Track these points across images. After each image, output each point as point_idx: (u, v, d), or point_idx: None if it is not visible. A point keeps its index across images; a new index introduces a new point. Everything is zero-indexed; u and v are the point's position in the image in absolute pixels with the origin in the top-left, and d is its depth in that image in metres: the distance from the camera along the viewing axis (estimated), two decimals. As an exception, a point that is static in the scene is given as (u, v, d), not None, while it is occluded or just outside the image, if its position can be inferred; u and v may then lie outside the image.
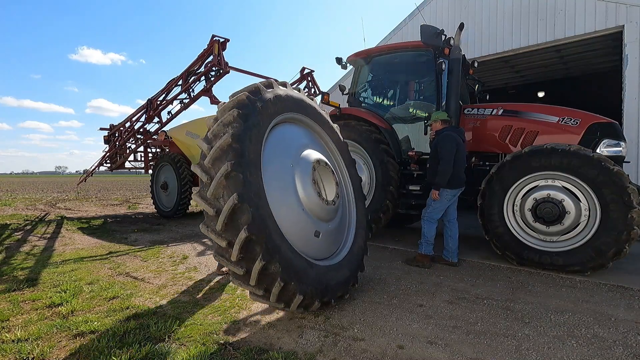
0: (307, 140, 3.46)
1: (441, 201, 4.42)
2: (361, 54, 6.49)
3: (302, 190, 2.94)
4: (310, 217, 2.99)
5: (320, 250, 3.14)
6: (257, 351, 2.37)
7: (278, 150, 2.96)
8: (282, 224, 2.68)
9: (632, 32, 7.24)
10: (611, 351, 2.42)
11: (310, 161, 3.10)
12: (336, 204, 3.30)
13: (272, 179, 2.77)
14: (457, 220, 4.58)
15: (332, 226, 3.29)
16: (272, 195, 2.68)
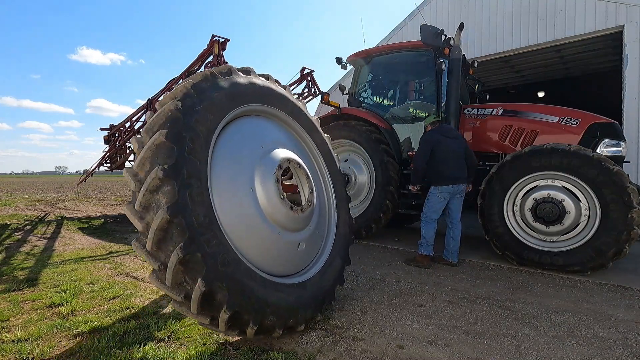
0: (277, 136, 2.97)
1: (434, 200, 4.46)
2: (361, 54, 6.49)
3: (263, 195, 2.48)
4: (273, 227, 2.55)
5: (288, 265, 2.74)
6: (257, 351, 2.37)
7: (235, 149, 2.51)
8: (235, 238, 2.29)
9: (632, 32, 7.24)
10: (611, 351, 2.42)
11: (276, 161, 2.63)
12: (308, 211, 2.86)
13: (225, 183, 2.34)
14: (460, 221, 4.57)
15: (303, 236, 2.84)
16: (224, 203, 2.29)
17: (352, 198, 6.12)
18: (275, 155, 2.69)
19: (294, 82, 9.90)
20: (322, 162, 3.47)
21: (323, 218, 3.27)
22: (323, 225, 3.22)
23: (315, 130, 3.44)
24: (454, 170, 4.40)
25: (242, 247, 2.32)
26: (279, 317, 2.33)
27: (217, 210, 2.22)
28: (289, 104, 3.13)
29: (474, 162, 4.59)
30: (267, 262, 2.51)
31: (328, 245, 3.21)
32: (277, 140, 2.90)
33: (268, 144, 2.73)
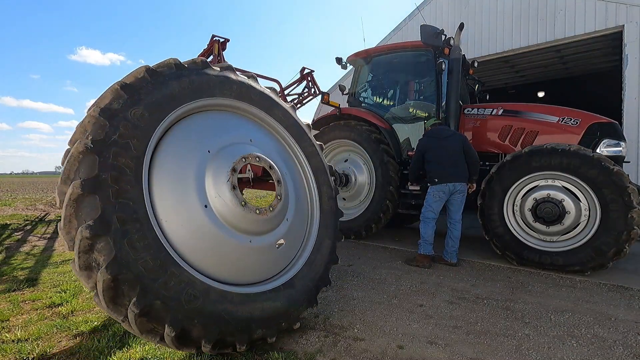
0: (240, 130, 2.65)
1: (430, 199, 4.52)
2: (361, 54, 6.49)
3: (222, 209, 2.20)
4: (242, 238, 2.32)
5: (269, 268, 2.55)
6: (257, 351, 2.37)
7: (178, 165, 2.18)
8: (202, 265, 2.10)
9: (632, 32, 7.24)
10: (611, 351, 2.42)
11: (227, 165, 2.28)
12: (279, 205, 2.55)
13: (174, 209, 2.07)
14: (461, 222, 4.57)
15: (281, 233, 2.60)
16: (179, 233, 2.05)
17: (352, 198, 6.13)
18: (226, 157, 2.33)
19: (294, 82, 9.90)
20: (287, 136, 3.02)
21: (302, 201, 2.93)
22: (303, 210, 2.91)
23: (270, 106, 2.92)
24: (448, 169, 4.40)
25: (211, 271, 2.15)
26: (268, 327, 2.26)
27: (172, 244, 2.01)
28: (256, 95, 2.78)
29: (473, 158, 4.53)
30: (245, 275, 2.36)
31: (313, 230, 2.94)
32: (229, 136, 2.50)
33: (217, 146, 2.36)
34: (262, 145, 2.69)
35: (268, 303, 2.30)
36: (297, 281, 2.59)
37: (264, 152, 2.62)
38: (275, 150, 2.85)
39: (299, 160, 3.08)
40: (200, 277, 2.05)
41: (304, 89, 10.04)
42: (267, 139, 2.87)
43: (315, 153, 3.15)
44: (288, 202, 2.69)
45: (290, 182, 2.80)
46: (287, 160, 2.95)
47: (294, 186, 2.86)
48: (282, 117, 2.95)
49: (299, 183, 2.98)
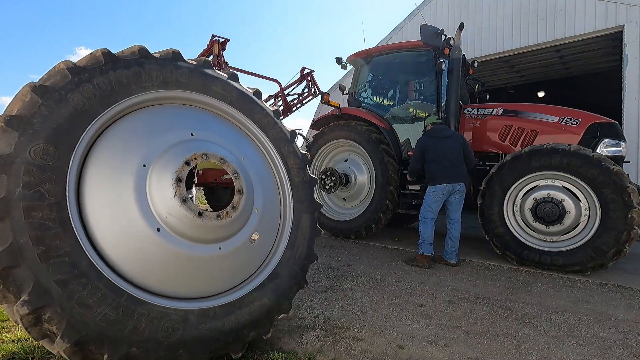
0: (177, 125, 2.22)
1: (429, 199, 4.55)
2: (361, 54, 6.49)
3: (178, 228, 1.94)
4: (210, 248, 2.10)
5: (248, 266, 2.34)
6: (257, 351, 2.37)
7: (113, 169, 1.87)
8: (144, 280, 1.86)
9: (632, 32, 7.25)
10: (611, 351, 2.42)
11: (170, 176, 1.94)
12: (242, 201, 2.23)
13: (110, 222, 1.80)
14: (460, 222, 4.58)
15: (252, 226, 2.33)
16: (115, 249, 1.79)
17: (352, 198, 6.14)
18: (167, 167, 1.96)
19: (294, 82, 9.91)
20: (234, 112, 2.53)
21: (269, 182, 2.61)
22: (273, 191, 2.62)
23: (204, 84, 2.45)
24: (447, 170, 4.43)
25: (184, 293, 1.99)
26: (261, 326, 2.21)
27: (133, 282, 1.81)
28: (217, 85, 2.41)
29: (471, 160, 4.63)
30: (223, 283, 2.18)
31: (288, 209, 2.65)
32: (164, 137, 2.08)
33: (152, 155, 1.97)
34: (207, 134, 2.30)
35: (255, 304, 2.19)
36: (282, 269, 2.42)
37: (211, 141, 2.26)
38: (224, 134, 2.43)
39: (255, 135, 2.63)
40: (174, 305, 1.88)
41: (304, 89, 10.05)
42: (210, 124, 2.42)
43: (271, 123, 2.67)
44: (253, 191, 2.36)
45: (250, 166, 2.43)
46: (240, 142, 2.53)
47: (257, 169, 2.50)
48: (222, 92, 2.44)
49: (260, 162, 2.61)
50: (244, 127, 2.61)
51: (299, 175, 2.75)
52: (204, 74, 2.36)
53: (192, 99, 2.34)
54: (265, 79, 9.81)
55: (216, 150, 2.21)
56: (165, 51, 2.25)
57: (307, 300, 3.31)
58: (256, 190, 2.42)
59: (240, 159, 2.38)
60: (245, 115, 2.58)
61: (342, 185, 5.95)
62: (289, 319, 2.90)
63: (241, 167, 2.32)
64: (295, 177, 2.73)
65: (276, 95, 9.86)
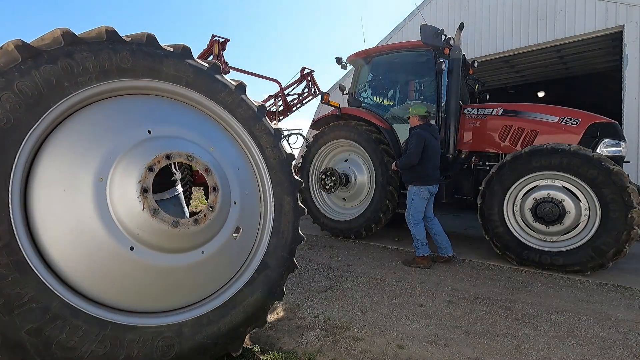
0: (132, 123, 1.91)
1: (418, 199, 4.54)
2: (361, 54, 6.49)
3: (139, 233, 1.72)
4: (193, 254, 1.95)
5: (236, 261, 2.20)
6: (257, 351, 2.37)
7: (72, 161, 1.64)
8: (128, 304, 1.74)
9: (632, 32, 7.24)
10: (611, 351, 2.42)
11: (135, 177, 1.72)
12: (219, 199, 2.02)
13: (75, 253, 1.61)
14: (436, 217, 4.70)
15: (233, 221, 2.14)
16: (88, 279, 1.63)
17: (352, 198, 6.14)
18: (127, 178, 1.71)
19: (294, 82, 9.92)
20: (194, 95, 2.18)
21: (244, 169, 2.37)
22: (249, 178, 2.38)
23: (152, 68, 2.06)
24: (436, 170, 4.56)
25: (173, 305, 1.90)
26: (257, 319, 2.17)
27: (117, 307, 1.71)
28: (189, 73, 2.08)
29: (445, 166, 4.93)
30: (211, 286, 2.07)
31: (268, 194, 2.42)
32: (118, 140, 1.78)
33: (108, 165, 1.69)
34: (167, 128, 2.00)
35: (248, 300, 2.12)
36: (270, 258, 2.30)
37: (173, 136, 1.98)
38: (186, 124, 2.12)
39: (222, 118, 2.31)
40: (165, 320, 1.80)
41: (304, 89, 10.06)
42: (169, 114, 2.09)
43: (237, 101, 2.33)
44: (228, 184, 2.15)
45: (221, 156, 2.19)
46: (206, 129, 2.23)
47: (229, 157, 2.26)
48: (175, 73, 2.05)
49: (232, 149, 2.34)
50: (208, 111, 2.27)
51: (274, 154, 2.47)
52: (150, 55, 1.93)
53: (141, 87, 1.97)
54: (265, 79, 9.82)
55: (181, 147, 1.92)
56: (95, 32, 1.78)
57: (307, 300, 3.32)
58: (232, 182, 2.18)
59: (209, 149, 2.11)
60: (207, 97, 2.22)
61: (342, 185, 5.95)
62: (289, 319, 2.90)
63: (212, 160, 2.06)
64: (271, 157, 2.45)
65: (276, 95, 9.87)
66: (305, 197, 6.48)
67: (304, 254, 5.04)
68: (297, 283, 3.80)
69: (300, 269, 4.31)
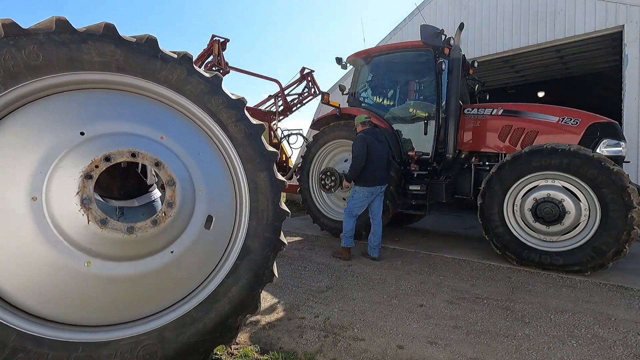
0: (84, 118, 1.72)
1: (359, 198, 4.75)
2: (361, 54, 6.49)
3: (91, 246, 1.61)
4: (139, 264, 1.77)
5: (194, 275, 1.98)
6: (257, 351, 2.37)
7: (3, 165, 1.50)
8: (97, 319, 1.68)
9: (632, 32, 7.24)
10: (611, 351, 2.42)
11: (71, 190, 1.57)
12: (178, 201, 1.82)
13: (24, 281, 1.52)
14: (381, 220, 4.87)
15: (203, 211, 1.95)
16: (49, 302, 1.56)
17: (352, 198, 6.14)
18: (66, 188, 1.56)
19: (294, 82, 9.92)
20: (141, 83, 1.91)
21: (206, 153, 2.13)
22: (214, 160, 2.14)
23: (70, 61, 1.75)
24: (378, 173, 4.70)
25: (151, 311, 1.82)
26: (247, 307, 2.03)
27: (85, 326, 1.65)
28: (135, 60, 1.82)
29: (394, 168, 5.13)
30: (191, 282, 1.96)
31: (239, 174, 2.19)
32: (43, 151, 1.57)
33: (38, 180, 1.53)
34: (102, 125, 1.76)
35: (233, 289, 1.99)
36: (252, 242, 2.11)
37: (112, 132, 1.76)
38: (126, 116, 1.88)
39: (170, 100, 2.01)
40: (144, 328, 1.72)
41: (304, 89, 10.06)
42: (103, 109, 1.83)
43: (184, 77, 2.01)
44: (189, 173, 1.95)
45: (175, 143, 1.95)
46: (152, 116, 1.97)
47: (185, 143, 2.01)
48: (101, 59, 1.75)
49: (188, 132, 2.08)
50: (151, 94, 1.98)
51: (238, 128, 2.17)
52: (64, 44, 1.64)
53: (63, 84, 1.69)
54: (265, 79, 9.83)
55: (122, 144, 1.72)
56: None
57: (307, 300, 3.32)
58: (193, 170, 1.97)
59: (159, 139, 1.89)
60: (146, 79, 1.92)
61: (342, 185, 5.96)
62: (289, 319, 2.90)
63: (163, 151, 1.85)
64: (235, 132, 2.17)
65: (276, 95, 9.87)
66: (305, 197, 6.49)
67: (304, 254, 5.04)
68: (297, 283, 3.80)
69: (300, 269, 4.32)
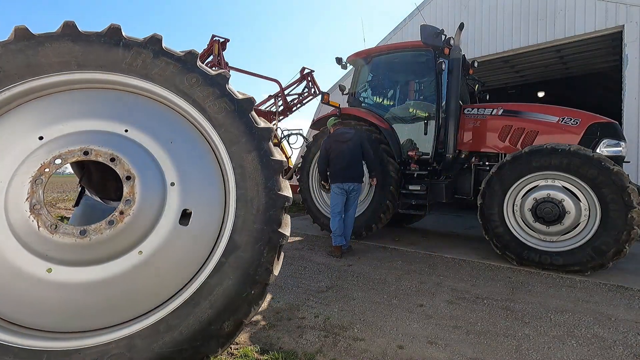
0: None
1: (333, 196, 5.04)
2: (361, 54, 6.50)
3: (48, 252, 1.60)
4: (102, 268, 1.68)
5: (169, 276, 1.79)
6: (257, 351, 2.37)
7: None
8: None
9: (632, 32, 7.24)
10: (611, 351, 2.42)
11: (24, 181, 1.58)
12: (138, 197, 1.70)
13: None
14: (353, 215, 5.13)
15: (169, 225, 1.76)
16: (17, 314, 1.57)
17: (352, 198, 6.15)
18: (17, 196, 1.57)
19: (294, 82, 9.92)
20: (94, 75, 1.83)
21: (181, 139, 1.92)
22: (191, 146, 1.94)
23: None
24: (343, 171, 4.90)
25: (122, 318, 1.71)
26: (236, 310, 1.73)
27: (50, 339, 1.58)
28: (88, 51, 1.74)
29: (370, 157, 5.12)
30: (166, 286, 1.78)
31: (223, 156, 1.93)
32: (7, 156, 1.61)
33: (1, 194, 1.56)
34: (65, 126, 1.72)
35: (215, 292, 1.73)
36: (239, 235, 1.82)
37: (71, 132, 1.71)
38: (89, 113, 1.82)
39: (137, 88, 1.89)
40: (112, 336, 1.61)
41: (304, 89, 10.07)
42: (67, 110, 1.79)
43: (149, 62, 1.87)
44: (157, 164, 1.80)
45: (141, 135, 1.84)
46: (117, 112, 1.86)
47: (154, 133, 1.87)
48: (61, 61, 1.72)
49: (157, 121, 1.93)
50: (117, 86, 1.87)
51: (218, 107, 1.92)
52: (20, 51, 1.63)
53: (24, 92, 1.67)
54: (265, 79, 9.84)
55: (76, 143, 1.66)
56: None
57: (307, 300, 3.32)
58: (163, 161, 1.81)
59: (122, 132, 1.80)
60: (108, 71, 1.80)
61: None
62: (289, 319, 2.90)
63: (123, 144, 1.75)
64: (214, 112, 1.92)
65: (276, 95, 9.87)
66: (305, 197, 6.49)
67: (304, 254, 5.05)
68: (297, 283, 3.80)
69: (300, 269, 4.32)
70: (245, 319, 1.78)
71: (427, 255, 4.95)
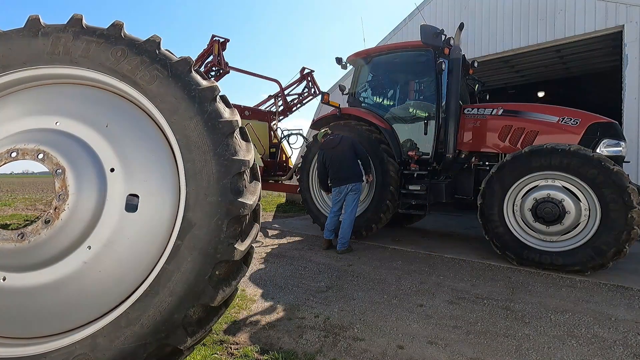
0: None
1: (333, 196, 5.39)
2: (361, 54, 6.49)
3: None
4: (25, 277, 1.62)
5: (126, 264, 1.67)
6: (257, 351, 2.38)
7: None
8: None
9: (632, 32, 7.24)
10: (611, 351, 2.42)
11: None
12: (70, 205, 1.57)
13: None
14: (350, 216, 5.23)
15: (115, 215, 1.63)
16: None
17: (352, 198, 6.15)
18: None
19: (294, 82, 9.92)
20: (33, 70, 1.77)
21: (117, 122, 1.77)
22: (128, 129, 1.78)
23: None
24: (338, 174, 5.19)
25: (74, 320, 1.64)
26: (201, 294, 1.57)
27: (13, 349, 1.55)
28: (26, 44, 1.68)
29: (363, 157, 5.28)
30: (119, 283, 1.65)
31: (167, 130, 1.73)
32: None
33: None
34: None
35: (174, 279, 1.57)
36: (193, 213, 1.63)
37: (2, 137, 1.68)
38: (16, 113, 1.77)
39: (63, 76, 1.81)
40: (74, 337, 1.55)
41: (304, 89, 10.06)
42: None
43: (69, 45, 1.73)
44: (92, 153, 1.68)
45: (73, 124, 1.74)
46: (44, 107, 1.79)
47: (86, 120, 1.75)
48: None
49: (88, 106, 1.81)
50: (46, 80, 1.78)
51: (150, 76, 1.75)
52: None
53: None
54: (265, 79, 9.83)
55: (2, 147, 1.62)
56: None
57: (307, 300, 3.32)
58: (99, 148, 1.69)
59: (54, 125, 1.71)
60: (33, 65, 1.71)
61: None
62: (289, 319, 2.89)
63: (53, 139, 1.65)
64: (147, 83, 1.74)
65: (276, 95, 9.87)
66: (305, 197, 6.49)
67: (304, 254, 5.05)
68: (297, 283, 3.80)
69: (300, 269, 4.32)
70: (213, 302, 1.61)
71: (427, 255, 4.95)
